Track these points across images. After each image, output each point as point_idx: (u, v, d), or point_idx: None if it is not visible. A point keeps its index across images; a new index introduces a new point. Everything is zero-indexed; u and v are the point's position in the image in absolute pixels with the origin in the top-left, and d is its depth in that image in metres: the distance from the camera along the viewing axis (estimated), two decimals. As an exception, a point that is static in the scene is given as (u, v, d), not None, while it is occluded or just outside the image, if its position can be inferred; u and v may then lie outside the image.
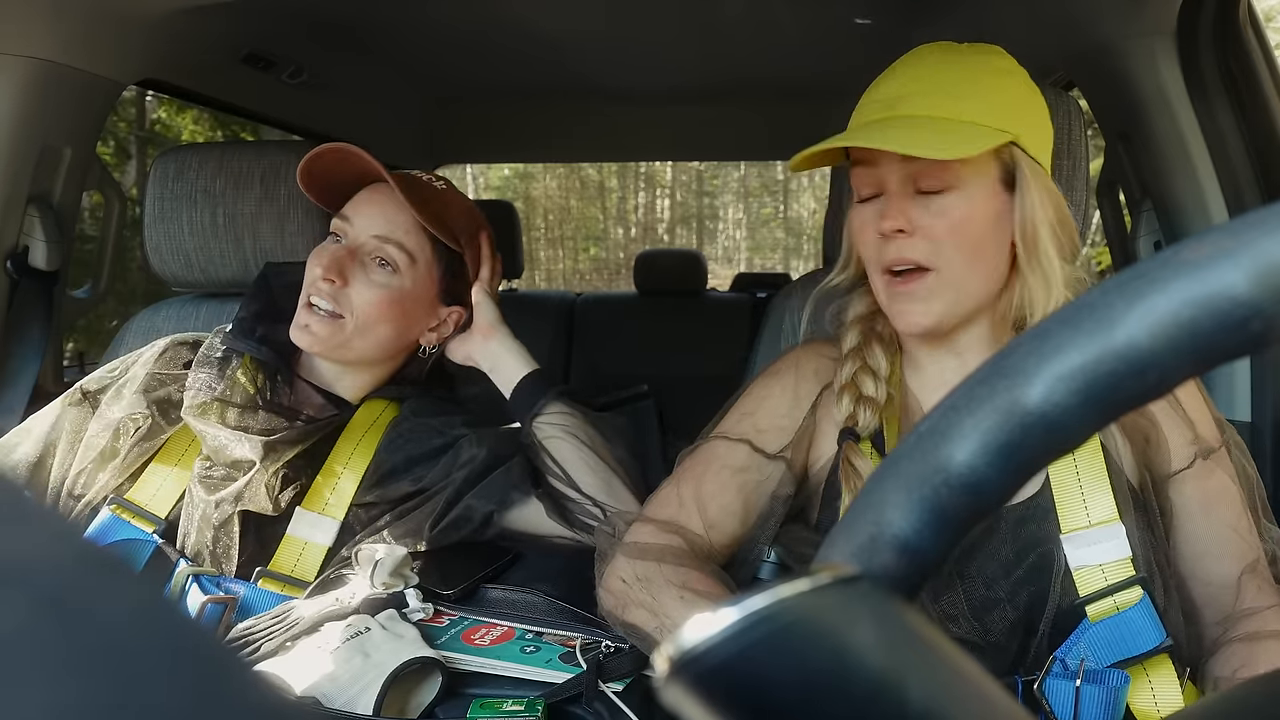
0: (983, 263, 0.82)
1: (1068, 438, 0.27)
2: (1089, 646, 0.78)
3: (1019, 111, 0.82)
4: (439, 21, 1.80)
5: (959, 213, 0.80)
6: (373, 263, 1.04)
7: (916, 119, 0.80)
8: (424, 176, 1.11)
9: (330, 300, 1.02)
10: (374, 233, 1.04)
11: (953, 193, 0.80)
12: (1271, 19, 4.69)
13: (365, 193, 1.07)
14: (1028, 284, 0.83)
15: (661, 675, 0.23)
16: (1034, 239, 0.81)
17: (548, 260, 16.88)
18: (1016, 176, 0.82)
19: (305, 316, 1.03)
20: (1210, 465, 0.85)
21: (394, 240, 1.04)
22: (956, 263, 0.81)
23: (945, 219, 0.80)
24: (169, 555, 0.98)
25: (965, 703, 0.23)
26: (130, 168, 5.90)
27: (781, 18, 1.81)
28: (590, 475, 1.04)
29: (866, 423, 0.86)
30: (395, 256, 1.04)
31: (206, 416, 0.99)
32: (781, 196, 17.46)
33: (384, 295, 1.03)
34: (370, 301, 1.02)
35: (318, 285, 1.02)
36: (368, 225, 1.04)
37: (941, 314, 0.83)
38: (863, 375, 0.88)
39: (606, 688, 0.79)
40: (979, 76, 0.83)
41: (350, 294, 1.02)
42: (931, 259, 0.81)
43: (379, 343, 1.05)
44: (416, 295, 1.06)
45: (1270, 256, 0.24)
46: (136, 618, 0.18)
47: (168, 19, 1.38)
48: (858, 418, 0.86)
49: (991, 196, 0.81)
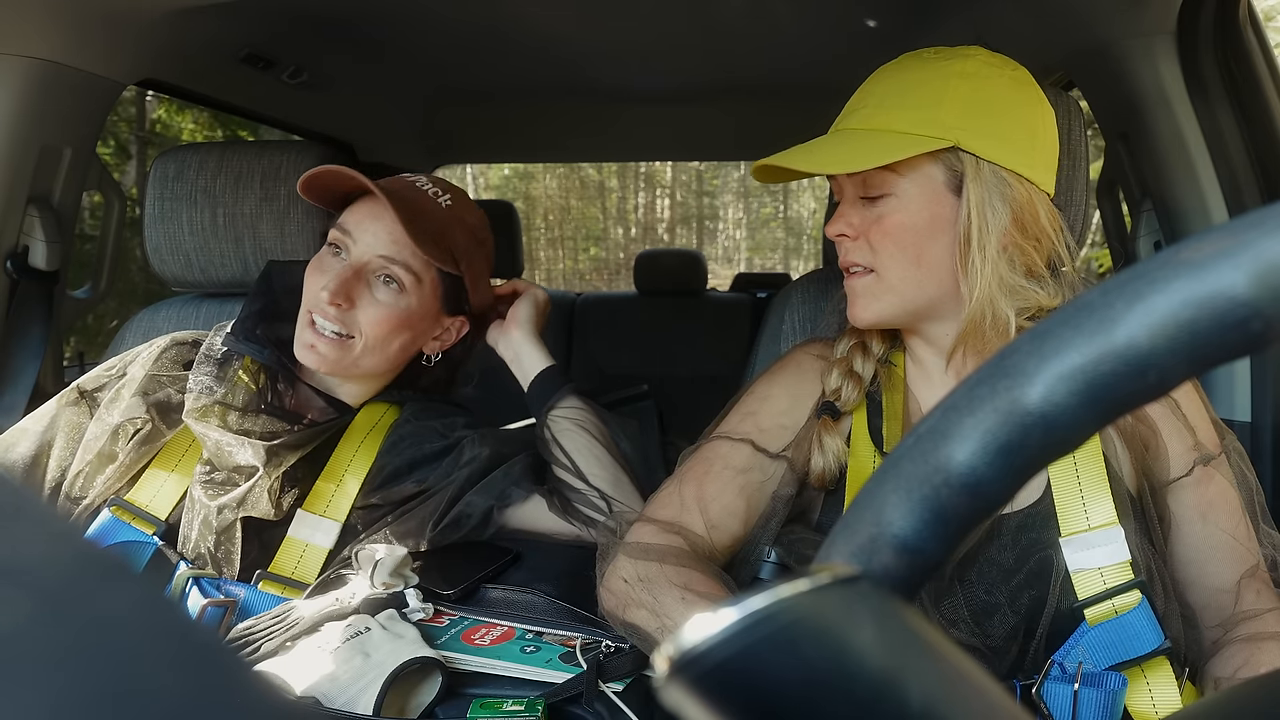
0: (924, 267, 0.84)
1: (1068, 438, 0.27)
2: (1087, 649, 0.78)
3: (967, 117, 0.81)
4: (439, 21, 1.80)
5: (895, 218, 0.83)
6: (378, 281, 1.02)
7: (854, 132, 0.84)
8: (429, 189, 1.09)
9: (338, 323, 1.01)
10: (379, 253, 1.02)
11: (891, 199, 0.83)
12: (1271, 19, 4.69)
13: (365, 206, 1.04)
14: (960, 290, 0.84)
15: (662, 675, 0.23)
16: (966, 244, 0.82)
17: (548, 260, 16.88)
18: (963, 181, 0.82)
19: (310, 336, 1.01)
20: (1210, 471, 0.85)
21: (400, 261, 1.02)
22: (894, 266, 0.84)
23: (881, 225, 0.84)
24: (169, 557, 0.98)
25: (965, 703, 0.23)
26: (130, 168, 5.90)
27: (782, 18, 1.81)
28: (599, 469, 1.06)
29: (848, 398, 0.90)
30: (401, 276, 1.02)
31: (208, 419, 0.99)
32: (781, 196, 17.45)
33: (391, 314, 1.02)
34: (378, 321, 1.02)
35: (324, 309, 1.00)
36: (372, 244, 1.02)
37: (883, 312, 0.86)
38: (855, 352, 0.92)
39: (606, 688, 0.79)
40: (925, 83, 0.83)
41: (357, 315, 1.01)
42: (872, 261, 0.85)
43: (386, 358, 1.06)
44: (423, 311, 1.06)
45: (1270, 256, 0.24)
46: (137, 618, 0.18)
47: (167, 19, 1.38)
48: (841, 392, 0.90)
49: (934, 202, 0.82)
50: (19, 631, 0.16)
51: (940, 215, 0.82)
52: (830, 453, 0.88)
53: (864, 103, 0.86)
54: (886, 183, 0.83)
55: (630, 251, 15.70)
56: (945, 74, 0.83)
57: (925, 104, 0.82)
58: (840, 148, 0.83)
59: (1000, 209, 0.81)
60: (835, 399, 0.90)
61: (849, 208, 0.86)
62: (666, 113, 2.70)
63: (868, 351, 0.92)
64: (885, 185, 0.83)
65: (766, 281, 4.54)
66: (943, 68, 0.84)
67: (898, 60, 0.88)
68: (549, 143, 3.11)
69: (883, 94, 0.85)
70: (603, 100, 2.61)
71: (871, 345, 0.92)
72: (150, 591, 0.19)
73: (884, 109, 0.83)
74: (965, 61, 0.84)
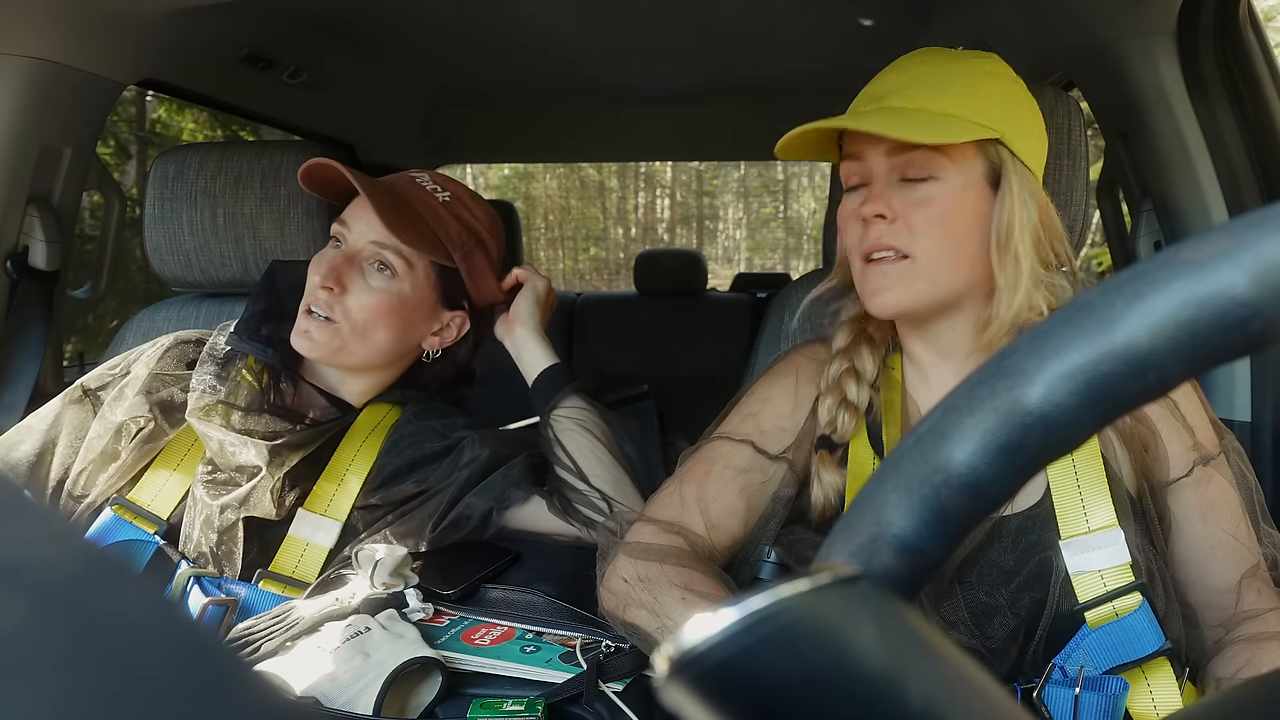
0: (960, 256, 0.82)
1: (1068, 438, 0.27)
2: (1088, 652, 0.78)
3: (1006, 113, 0.83)
4: (439, 21, 1.80)
5: (940, 204, 0.81)
6: (371, 268, 1.04)
7: (902, 110, 0.81)
8: (428, 185, 1.10)
9: (328, 309, 1.02)
10: (372, 238, 1.03)
11: (936, 183, 0.81)
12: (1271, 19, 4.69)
13: (361, 198, 1.06)
14: (997, 284, 0.83)
15: (661, 675, 0.23)
16: (1006, 239, 0.82)
17: (548, 260, 16.87)
18: (1001, 176, 0.83)
19: (305, 323, 1.03)
20: (1209, 472, 0.85)
21: (391, 246, 1.03)
22: (933, 253, 0.81)
23: (926, 208, 0.81)
24: (170, 556, 0.98)
25: (965, 703, 0.23)
26: (130, 168, 5.90)
27: (781, 18, 1.81)
28: (601, 469, 1.06)
29: (844, 430, 0.87)
30: (393, 261, 1.03)
31: (210, 419, 0.99)
32: (781, 196, 17.46)
33: (380, 300, 1.03)
34: (365, 306, 1.02)
35: (316, 294, 1.02)
36: (365, 231, 1.04)
37: (914, 300, 0.83)
38: (848, 378, 0.89)
39: (606, 688, 0.79)
40: (965, 75, 0.84)
41: (347, 300, 1.02)
42: (909, 246, 0.82)
43: (378, 347, 1.05)
44: (416, 300, 1.06)
45: (1270, 256, 0.24)
46: (137, 618, 0.18)
47: (167, 19, 1.38)
48: (837, 423, 0.87)
49: (974, 192, 0.82)
50: (19, 632, 0.16)
51: (978, 207, 0.82)
52: (830, 488, 0.86)
53: (903, 86, 0.83)
54: (933, 164, 0.81)
55: (630, 251, 15.69)
56: (978, 71, 0.85)
57: (971, 94, 0.82)
58: (899, 120, 0.80)
59: (1031, 206, 0.82)
60: (830, 431, 0.88)
61: (885, 189, 0.82)
62: (666, 113, 2.70)
63: (860, 378, 0.89)
64: (932, 167, 0.81)
65: (766, 281, 4.53)
66: (973, 65, 0.85)
67: (920, 53, 0.87)
68: (549, 143, 3.11)
69: (923, 79, 0.83)
70: (602, 100, 2.61)
71: (865, 369, 0.89)
72: (151, 591, 0.19)
73: (932, 92, 0.81)
74: (989, 63, 0.86)
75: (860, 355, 0.90)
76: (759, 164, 15.45)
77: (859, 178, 0.86)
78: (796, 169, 15.33)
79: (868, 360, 0.90)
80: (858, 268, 0.85)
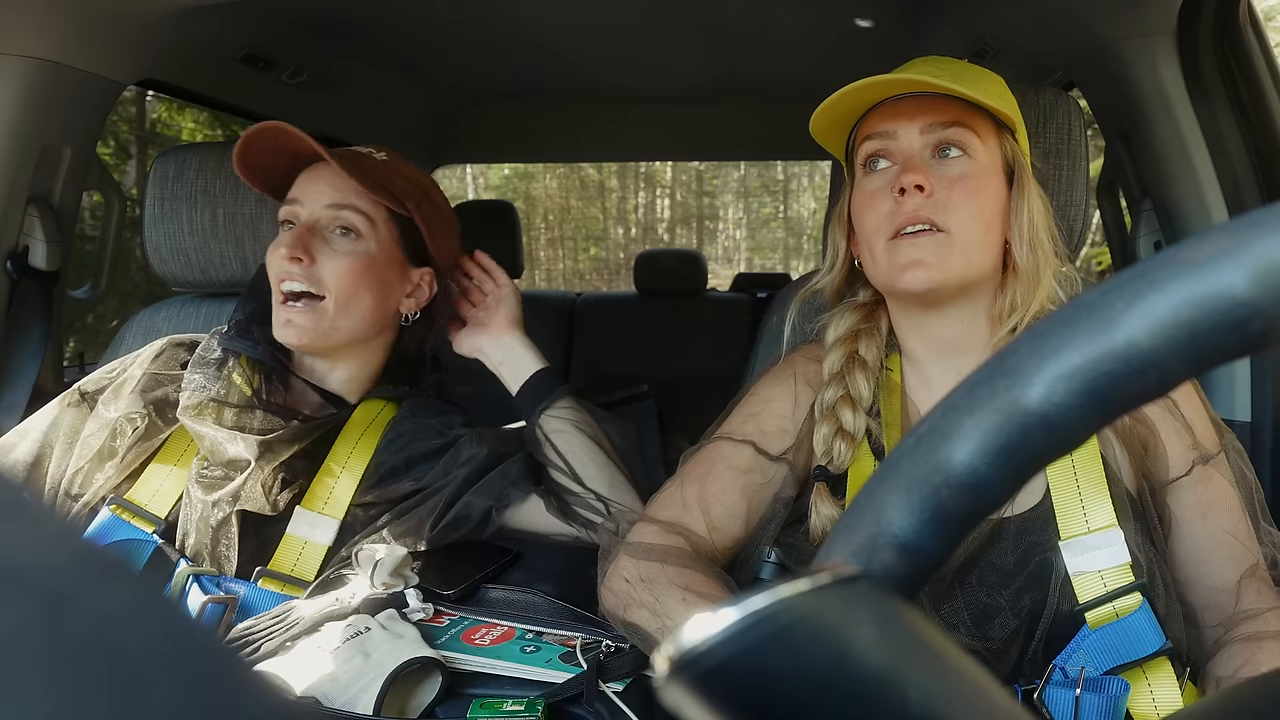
0: (989, 238, 0.84)
1: (1068, 438, 0.27)
2: (1089, 652, 0.78)
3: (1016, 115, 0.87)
4: (439, 22, 1.80)
5: (975, 180, 0.82)
6: (334, 234, 1.03)
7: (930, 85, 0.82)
8: (362, 150, 1.11)
9: (303, 280, 1.01)
10: (326, 203, 1.03)
11: (968, 160, 0.83)
12: (1271, 19, 4.69)
13: (307, 172, 1.07)
14: (1021, 280, 0.84)
15: (662, 675, 0.23)
16: (1034, 234, 0.84)
17: (548, 260, 16.88)
18: (1016, 172, 0.85)
19: (285, 312, 1.02)
20: (1209, 471, 0.85)
21: (348, 204, 1.03)
22: (969, 228, 0.81)
23: (962, 184, 0.82)
24: (169, 555, 0.98)
25: (965, 702, 0.23)
26: (130, 168, 5.90)
27: (782, 19, 1.81)
28: (595, 470, 1.05)
29: (840, 460, 0.86)
30: (354, 221, 1.03)
31: (203, 417, 0.99)
32: (781, 196, 17.46)
33: (354, 263, 1.03)
34: (342, 272, 1.02)
35: (285, 268, 1.01)
36: (318, 198, 1.03)
37: (945, 276, 0.81)
38: (843, 406, 0.88)
39: (607, 688, 0.79)
40: (982, 76, 0.87)
41: (321, 270, 1.02)
42: (945, 220, 0.81)
43: (362, 316, 1.05)
44: (385, 258, 1.06)
45: (1270, 256, 0.24)
46: (136, 618, 0.18)
47: (167, 19, 1.38)
48: (833, 453, 0.86)
49: (998, 178, 0.85)
50: (19, 632, 0.16)
51: (1000, 195, 0.85)
52: (827, 520, 0.85)
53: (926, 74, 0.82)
54: (966, 141, 0.83)
55: (630, 251, 15.70)
56: (987, 75, 0.88)
57: (990, 84, 0.85)
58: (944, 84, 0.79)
59: (1041, 206, 0.86)
60: (826, 462, 0.87)
61: (919, 163, 0.82)
62: (666, 113, 2.70)
63: (855, 405, 0.88)
64: (966, 142, 0.83)
65: (766, 281, 4.52)
66: (981, 70, 0.88)
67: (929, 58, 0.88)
68: (549, 143, 3.10)
69: (945, 69, 0.84)
70: (603, 100, 2.61)
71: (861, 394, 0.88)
72: (150, 591, 0.19)
73: (960, 81, 0.81)
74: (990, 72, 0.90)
75: (855, 380, 0.89)
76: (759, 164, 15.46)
77: (887, 156, 0.85)
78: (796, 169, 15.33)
79: (863, 385, 0.88)
80: (883, 247, 0.83)
